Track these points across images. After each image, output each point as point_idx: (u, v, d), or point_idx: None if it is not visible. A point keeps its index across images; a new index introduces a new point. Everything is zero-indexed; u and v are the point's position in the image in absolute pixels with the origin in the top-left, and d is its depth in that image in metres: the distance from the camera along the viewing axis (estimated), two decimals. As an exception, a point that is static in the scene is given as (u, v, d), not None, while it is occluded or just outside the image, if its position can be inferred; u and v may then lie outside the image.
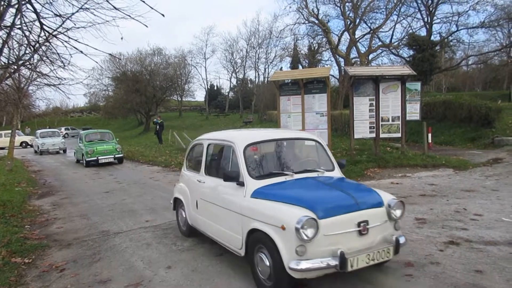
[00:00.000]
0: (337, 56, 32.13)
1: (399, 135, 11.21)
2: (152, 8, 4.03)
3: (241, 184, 3.94)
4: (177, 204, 5.65)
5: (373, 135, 11.19)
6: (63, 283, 4.08)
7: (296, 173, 4.11)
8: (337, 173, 4.43)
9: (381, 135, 11.19)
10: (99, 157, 15.19)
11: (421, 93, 11.41)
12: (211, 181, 4.59)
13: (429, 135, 12.76)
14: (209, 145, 4.87)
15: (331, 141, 11.51)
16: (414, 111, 11.23)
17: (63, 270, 4.43)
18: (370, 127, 11.08)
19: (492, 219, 5.47)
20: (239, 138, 4.33)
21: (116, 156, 15.66)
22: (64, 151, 21.20)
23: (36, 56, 6.35)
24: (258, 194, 3.76)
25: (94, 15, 4.57)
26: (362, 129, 11.10)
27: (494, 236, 4.72)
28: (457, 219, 5.56)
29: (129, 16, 4.35)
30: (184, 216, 5.34)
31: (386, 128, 11.09)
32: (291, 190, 3.76)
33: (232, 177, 3.98)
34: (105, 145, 15.90)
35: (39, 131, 22.63)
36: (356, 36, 30.85)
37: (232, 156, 4.21)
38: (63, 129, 44.25)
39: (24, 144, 30.02)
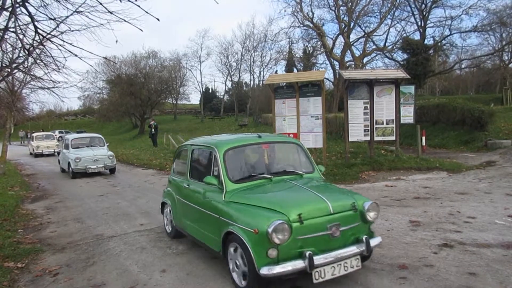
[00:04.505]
0: (332, 60, 32.32)
1: (393, 138, 11.28)
2: (146, 12, 4.03)
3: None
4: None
5: (368, 138, 11.25)
6: (56, 287, 4.04)
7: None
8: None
9: (376, 138, 11.25)
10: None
11: (415, 97, 11.49)
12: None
13: (423, 138, 12.85)
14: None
15: (326, 144, 11.55)
16: (408, 114, 11.31)
17: (56, 274, 4.39)
18: (364, 130, 11.14)
19: (485, 221, 5.52)
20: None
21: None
22: (112, 170, 13.72)
23: (30, 59, 6.31)
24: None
25: (89, 18, 4.56)
26: (356, 132, 11.16)
27: (488, 239, 4.76)
28: (451, 221, 5.60)
29: (123, 19, 4.34)
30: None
31: (381, 131, 11.15)
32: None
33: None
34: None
35: (71, 139, 14.42)
36: (351, 40, 31.08)
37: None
38: (57, 132, 43.98)
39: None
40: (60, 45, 4.69)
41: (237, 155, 4.39)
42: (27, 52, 5.01)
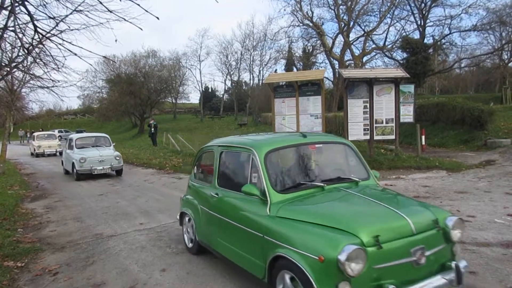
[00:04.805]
0: (331, 59, 32.30)
1: (393, 137, 11.28)
2: (146, 11, 4.03)
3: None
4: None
5: (367, 137, 11.25)
6: (56, 287, 4.04)
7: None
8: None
9: (375, 137, 11.26)
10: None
11: (414, 96, 11.50)
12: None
13: (423, 137, 12.86)
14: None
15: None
16: (407, 113, 11.32)
17: (56, 273, 4.39)
18: (364, 129, 11.15)
19: (485, 220, 5.52)
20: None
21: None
22: (119, 172, 13.00)
23: (29, 58, 6.32)
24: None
25: (88, 17, 4.55)
26: (356, 131, 11.16)
27: (487, 238, 4.76)
28: (451, 220, 5.59)
29: (123, 18, 4.34)
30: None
31: (380, 130, 11.15)
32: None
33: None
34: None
35: (75, 138, 13.56)
36: (350, 39, 31.06)
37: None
38: (56, 131, 43.98)
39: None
40: (60, 44, 4.69)
41: (280, 159, 3.74)
42: (26, 51, 5.01)
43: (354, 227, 2.68)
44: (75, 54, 4.69)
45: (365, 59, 32.24)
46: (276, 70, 45.72)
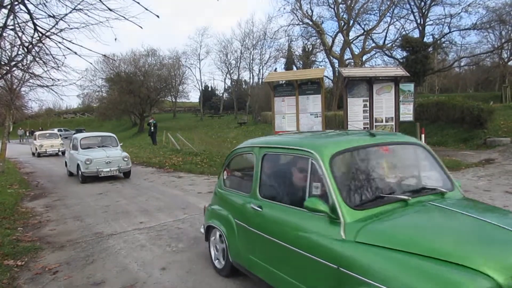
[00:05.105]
0: (331, 58, 32.30)
1: (392, 136, 11.28)
2: (146, 9, 4.03)
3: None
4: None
5: (367, 136, 11.25)
6: (56, 285, 4.05)
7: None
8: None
9: (375, 136, 11.25)
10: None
11: (414, 94, 11.51)
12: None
13: (422, 136, 12.85)
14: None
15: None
16: (407, 112, 11.33)
17: (56, 272, 4.39)
18: (364, 128, 11.15)
19: (484, 219, 5.52)
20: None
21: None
22: (126, 174, 12.12)
23: (29, 57, 6.32)
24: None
25: (88, 16, 4.56)
26: (356, 130, 11.17)
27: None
28: (450, 219, 5.60)
29: (123, 17, 4.34)
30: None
31: (380, 129, 11.16)
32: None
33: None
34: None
35: (80, 138, 12.59)
36: (350, 38, 31.07)
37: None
38: (55, 130, 43.97)
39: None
40: (59, 42, 4.70)
41: (350, 164, 2.97)
42: (26, 50, 5.01)
43: (479, 260, 1.91)
44: (75, 53, 4.71)
45: (365, 58, 32.29)
46: (276, 69, 45.78)
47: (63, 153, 21.57)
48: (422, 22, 28.30)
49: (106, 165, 11.40)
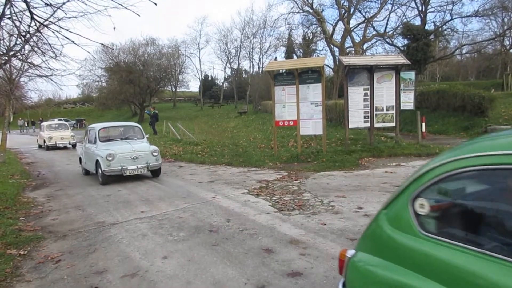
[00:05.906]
0: (332, 46, 32.07)
1: (393, 124, 11.27)
2: (144, -4, 3.98)
3: None
4: None
5: (368, 124, 11.24)
6: (59, 274, 4.08)
7: None
8: None
9: (376, 125, 11.24)
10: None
11: (415, 83, 11.45)
12: None
13: (423, 124, 12.85)
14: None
15: (326, 131, 11.54)
16: (408, 101, 11.28)
17: (58, 261, 4.43)
18: (364, 117, 11.12)
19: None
20: None
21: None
22: (156, 172, 10.02)
23: (27, 46, 6.28)
24: None
25: (86, 4, 4.51)
26: (356, 119, 11.14)
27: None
28: (450, 207, 5.61)
29: (121, 5, 4.30)
30: None
31: (381, 117, 11.13)
32: None
33: None
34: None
35: (98, 128, 10.42)
36: (351, 26, 30.78)
37: None
38: (56, 120, 43.93)
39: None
40: (57, 31, 4.65)
41: None
42: (24, 40, 4.97)
43: None
44: (73, 42, 4.67)
45: (365, 46, 32.03)
46: (276, 57, 45.52)
47: (74, 146, 20.16)
48: (423, 9, 28.00)
49: (132, 161, 9.29)
